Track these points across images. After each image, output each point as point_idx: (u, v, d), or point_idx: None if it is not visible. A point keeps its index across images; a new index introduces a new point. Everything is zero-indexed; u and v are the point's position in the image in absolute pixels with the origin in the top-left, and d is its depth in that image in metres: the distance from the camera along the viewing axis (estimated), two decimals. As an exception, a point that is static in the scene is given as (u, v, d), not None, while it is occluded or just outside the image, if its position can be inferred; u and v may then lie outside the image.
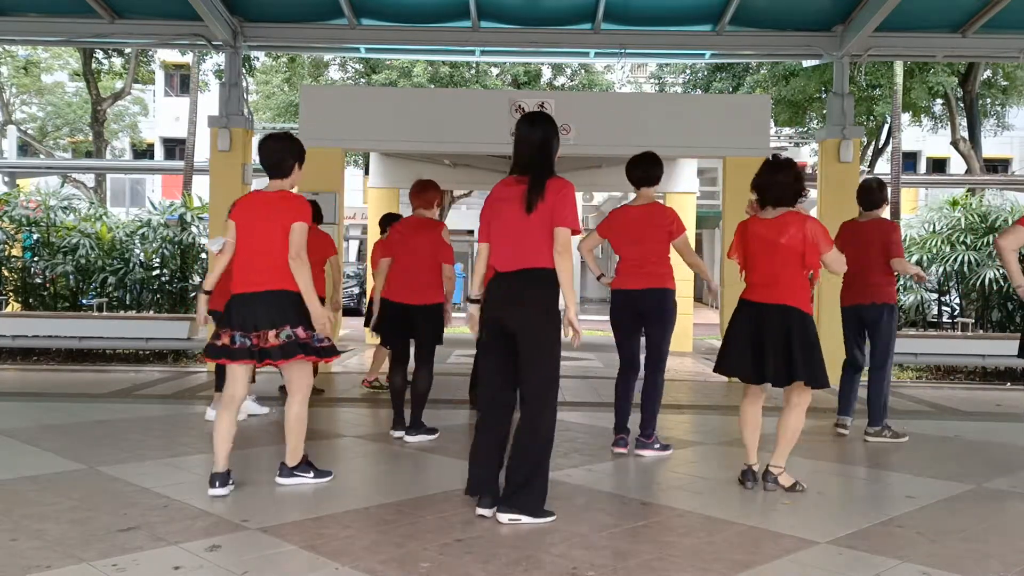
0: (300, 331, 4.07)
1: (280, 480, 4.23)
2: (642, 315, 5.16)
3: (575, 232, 3.74)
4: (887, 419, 5.79)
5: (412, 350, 5.72)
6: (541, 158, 3.86)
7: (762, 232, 4.33)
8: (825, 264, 4.33)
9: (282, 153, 4.21)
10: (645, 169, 5.22)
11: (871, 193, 5.93)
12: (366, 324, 7.39)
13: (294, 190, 4.31)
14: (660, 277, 5.12)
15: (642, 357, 5.33)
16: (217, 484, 4.01)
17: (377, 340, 7.14)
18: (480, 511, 3.71)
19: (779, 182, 4.30)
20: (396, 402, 5.66)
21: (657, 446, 5.16)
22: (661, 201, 5.42)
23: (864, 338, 5.96)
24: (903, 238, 11.38)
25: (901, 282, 11.46)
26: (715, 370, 4.54)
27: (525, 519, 3.64)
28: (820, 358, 4.24)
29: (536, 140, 3.87)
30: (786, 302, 4.25)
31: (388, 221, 7.51)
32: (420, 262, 5.55)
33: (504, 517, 3.64)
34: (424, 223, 5.64)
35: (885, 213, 5.98)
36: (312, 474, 4.30)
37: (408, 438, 5.49)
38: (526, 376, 3.71)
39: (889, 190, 14.56)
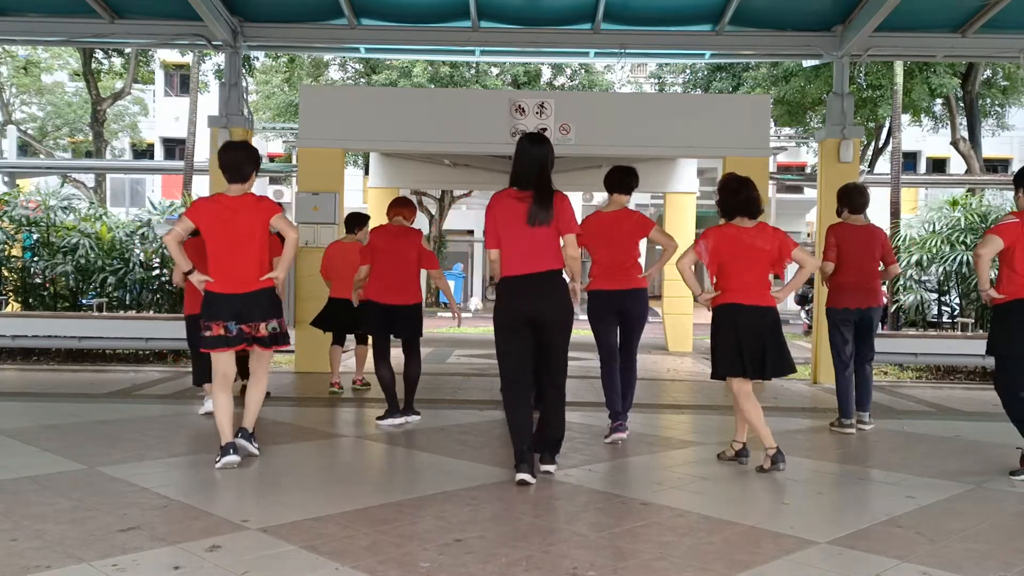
0: (282, 322, 4.77)
1: (240, 441, 4.66)
2: (619, 313, 5.54)
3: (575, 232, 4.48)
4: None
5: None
6: (545, 176, 4.43)
7: (747, 239, 4.70)
8: (799, 260, 4.72)
9: (244, 161, 4.68)
10: (621, 176, 5.61)
11: (863, 195, 6.03)
12: (312, 323, 7.55)
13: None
14: (635, 278, 5.52)
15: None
16: (232, 452, 4.55)
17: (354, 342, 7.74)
18: (525, 477, 4.27)
19: (755, 197, 4.76)
20: (390, 394, 6.00)
21: (627, 428, 5.57)
22: (631, 206, 5.74)
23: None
24: (903, 238, 11.45)
25: (900, 282, 11.46)
26: (718, 376, 4.81)
27: (554, 468, 4.49)
28: None
29: (540, 159, 4.44)
30: (772, 304, 4.75)
31: (355, 222, 7.52)
32: (406, 266, 6.02)
33: (549, 468, 4.45)
34: (407, 231, 6.15)
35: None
36: (256, 445, 4.80)
37: (391, 422, 5.91)
38: (555, 352, 4.44)
39: (889, 190, 14.63)
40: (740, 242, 4.68)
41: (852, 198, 6.00)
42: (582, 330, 6.23)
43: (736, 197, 4.74)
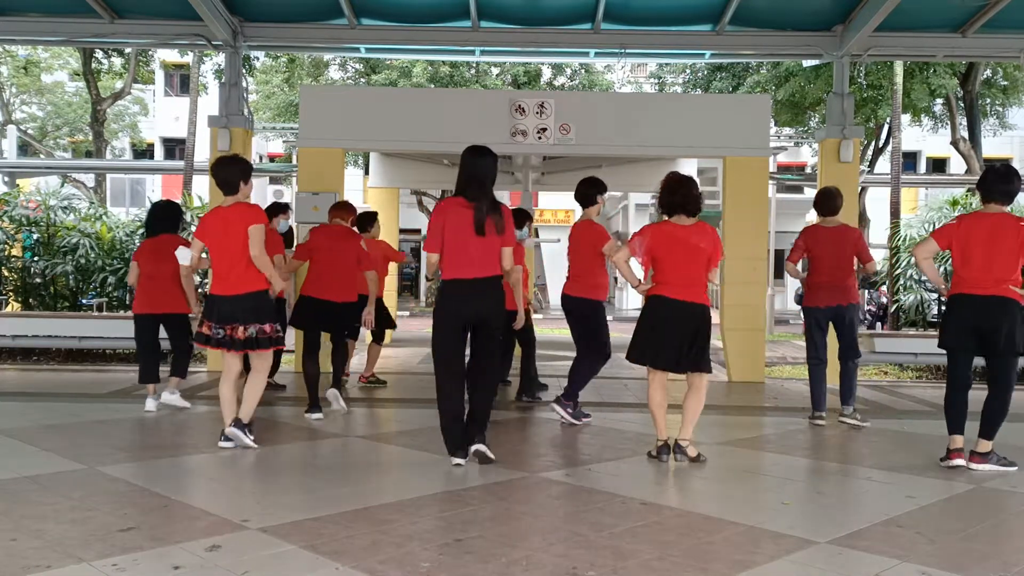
0: (267, 327, 5.07)
1: (230, 430, 5.00)
2: (572, 316, 6.17)
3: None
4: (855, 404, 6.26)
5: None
6: (492, 188, 4.70)
7: (683, 236, 4.85)
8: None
9: (232, 175, 5.09)
10: (584, 190, 6.14)
11: (832, 199, 6.27)
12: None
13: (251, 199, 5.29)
14: (586, 288, 6.03)
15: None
16: (223, 439, 5.04)
17: (369, 339, 7.83)
18: (460, 461, 4.62)
19: (693, 195, 4.89)
20: (311, 388, 6.20)
21: (570, 411, 6.07)
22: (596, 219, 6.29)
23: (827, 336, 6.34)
24: (903, 238, 11.45)
25: (901, 282, 11.47)
26: (630, 359, 5.00)
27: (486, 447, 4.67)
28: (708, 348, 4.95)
29: (490, 171, 4.70)
30: (703, 301, 4.87)
31: (368, 220, 7.64)
32: (343, 266, 6.28)
33: (481, 447, 4.65)
34: (347, 232, 6.47)
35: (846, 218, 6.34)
36: (252, 437, 5.03)
37: (330, 392, 6.33)
38: (492, 350, 4.76)
39: (889, 190, 14.63)
40: (676, 239, 4.86)
41: (822, 202, 6.32)
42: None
43: (672, 196, 4.91)
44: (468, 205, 4.63)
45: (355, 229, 6.81)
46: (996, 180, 4.88)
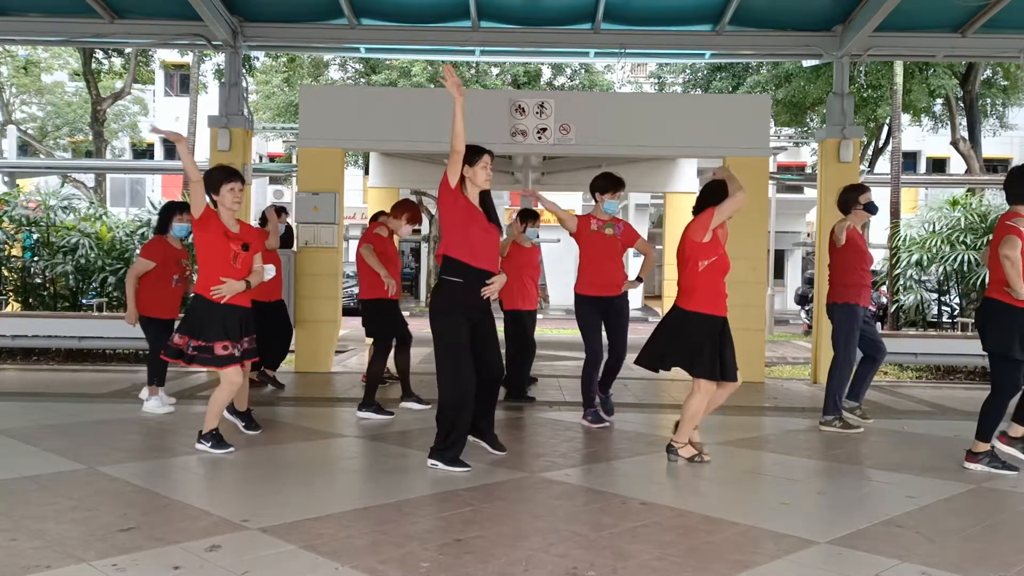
0: (175, 337, 4.95)
1: (196, 446, 4.96)
2: None
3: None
4: (840, 412, 6.06)
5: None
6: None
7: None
8: (729, 211, 4.82)
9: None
10: (595, 184, 6.33)
11: (837, 200, 6.23)
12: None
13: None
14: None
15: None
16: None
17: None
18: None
19: (703, 195, 4.96)
20: (403, 379, 6.76)
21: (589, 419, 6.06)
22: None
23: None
24: (903, 238, 11.45)
25: (901, 282, 11.46)
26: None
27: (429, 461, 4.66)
28: (695, 352, 4.78)
29: None
30: (680, 303, 4.89)
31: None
32: (362, 261, 6.38)
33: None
34: (371, 227, 6.64)
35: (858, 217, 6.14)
36: (211, 443, 4.93)
37: (359, 413, 6.25)
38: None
39: (889, 190, 14.64)
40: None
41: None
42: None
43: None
44: None
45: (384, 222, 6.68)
46: (1009, 182, 4.89)
